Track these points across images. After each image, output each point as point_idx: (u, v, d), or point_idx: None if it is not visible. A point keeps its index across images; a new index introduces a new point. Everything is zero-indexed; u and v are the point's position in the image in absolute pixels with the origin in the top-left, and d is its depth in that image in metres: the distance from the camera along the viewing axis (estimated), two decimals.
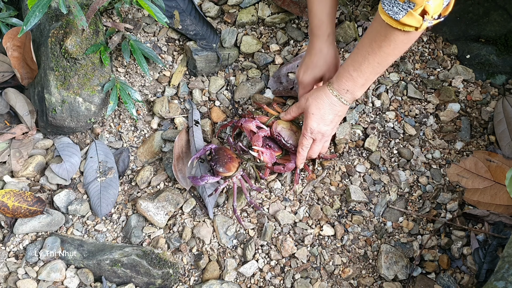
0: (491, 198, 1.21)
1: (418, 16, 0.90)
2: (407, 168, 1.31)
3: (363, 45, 1.03)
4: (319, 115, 1.16)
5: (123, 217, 1.29)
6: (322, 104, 1.15)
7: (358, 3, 1.54)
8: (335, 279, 1.20)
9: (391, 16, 0.92)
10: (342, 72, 1.10)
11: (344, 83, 1.10)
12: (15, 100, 1.38)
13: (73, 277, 1.19)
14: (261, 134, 1.25)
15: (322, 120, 1.16)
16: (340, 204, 1.27)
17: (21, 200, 1.22)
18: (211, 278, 1.20)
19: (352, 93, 1.12)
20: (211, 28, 1.48)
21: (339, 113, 1.17)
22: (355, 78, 1.08)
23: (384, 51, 1.00)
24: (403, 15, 0.90)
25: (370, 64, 1.03)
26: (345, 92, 1.12)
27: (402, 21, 0.91)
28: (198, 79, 1.47)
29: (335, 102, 1.14)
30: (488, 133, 1.33)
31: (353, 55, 1.06)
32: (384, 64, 1.04)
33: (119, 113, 1.42)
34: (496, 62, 1.40)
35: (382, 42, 0.98)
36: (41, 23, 1.33)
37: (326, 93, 1.14)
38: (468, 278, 1.15)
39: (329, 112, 1.15)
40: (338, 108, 1.15)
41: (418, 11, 0.90)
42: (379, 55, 1.01)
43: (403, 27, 0.93)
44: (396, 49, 1.00)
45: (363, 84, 1.09)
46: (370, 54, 1.02)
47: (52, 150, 1.37)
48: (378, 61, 1.02)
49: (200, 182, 1.19)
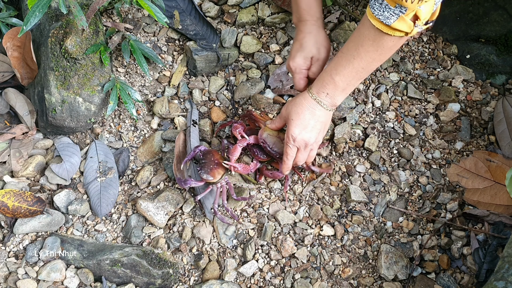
0: (491, 198, 1.21)
1: (409, 21, 0.89)
2: (407, 168, 1.31)
3: (348, 49, 1.01)
4: (299, 121, 1.12)
5: (123, 217, 1.29)
6: (302, 109, 1.11)
7: (358, 3, 1.54)
8: (335, 279, 1.20)
9: (382, 21, 0.90)
10: (324, 75, 1.07)
11: (325, 86, 1.07)
12: (15, 100, 1.38)
13: (73, 277, 1.19)
14: (239, 145, 1.24)
15: (303, 127, 1.12)
16: (340, 204, 1.27)
17: (21, 200, 1.22)
18: (211, 278, 1.20)
19: (332, 97, 1.09)
20: (211, 28, 1.48)
21: (320, 119, 1.12)
22: (337, 82, 1.05)
23: (371, 56, 0.99)
24: (395, 20, 0.89)
25: (354, 68, 1.02)
26: (324, 96, 1.08)
27: (393, 26, 0.90)
28: (198, 79, 1.47)
29: (315, 106, 1.10)
30: (488, 133, 1.33)
31: (337, 59, 1.04)
32: (368, 70, 1.02)
33: (119, 113, 1.42)
34: (496, 62, 1.40)
35: (370, 47, 0.97)
36: (41, 23, 1.33)
37: (305, 97, 1.11)
38: (468, 278, 1.15)
39: (309, 117, 1.11)
40: (318, 113, 1.11)
41: (409, 16, 0.89)
42: (365, 59, 1.00)
43: (394, 32, 0.92)
44: (383, 54, 0.98)
45: (344, 88, 1.07)
46: (356, 58, 1.00)
47: (52, 150, 1.37)
48: (363, 66, 1.01)
49: (184, 185, 1.20)
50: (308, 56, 1.17)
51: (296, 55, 1.17)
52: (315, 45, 1.16)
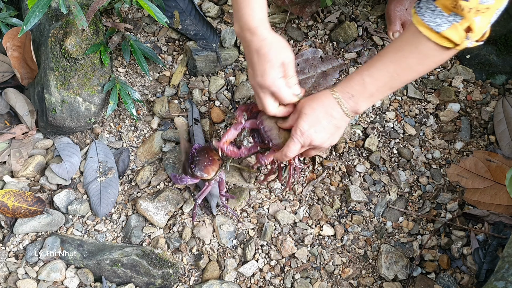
0: (491, 198, 1.21)
1: (462, 31, 0.84)
2: (407, 168, 1.31)
3: (386, 52, 0.94)
4: (311, 116, 1.00)
5: (123, 217, 1.29)
6: (318, 105, 1.00)
7: (358, 3, 1.54)
8: (335, 279, 1.20)
9: (432, 27, 0.85)
10: (354, 75, 0.98)
11: (352, 86, 0.98)
12: (15, 100, 1.38)
13: (73, 277, 1.19)
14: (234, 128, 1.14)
15: (313, 124, 1.00)
16: (340, 204, 1.27)
17: (21, 200, 1.23)
18: (211, 278, 1.20)
19: (356, 101, 0.98)
20: (211, 28, 1.48)
21: (334, 121, 1.01)
22: (366, 84, 0.96)
23: (409, 63, 0.92)
24: (447, 27, 0.84)
25: (389, 73, 0.94)
26: (348, 97, 0.98)
27: (443, 33, 0.85)
28: (198, 79, 1.47)
29: (333, 106, 1.00)
30: (488, 133, 1.33)
31: (372, 61, 0.96)
32: (402, 79, 0.95)
33: (119, 113, 1.42)
34: (496, 62, 1.40)
35: (410, 54, 0.91)
36: (41, 23, 1.33)
37: (326, 94, 1.01)
38: (468, 278, 1.15)
39: (323, 115, 1.00)
40: (335, 115, 1.00)
41: (463, 26, 0.84)
42: (402, 66, 0.93)
43: (443, 41, 0.87)
44: (422, 64, 0.92)
45: (371, 94, 0.97)
46: (393, 62, 0.93)
47: (52, 150, 1.37)
48: (398, 72, 0.94)
49: (180, 182, 1.18)
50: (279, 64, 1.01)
51: (266, 69, 1.01)
52: (280, 49, 1.01)
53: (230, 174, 1.31)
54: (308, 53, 1.45)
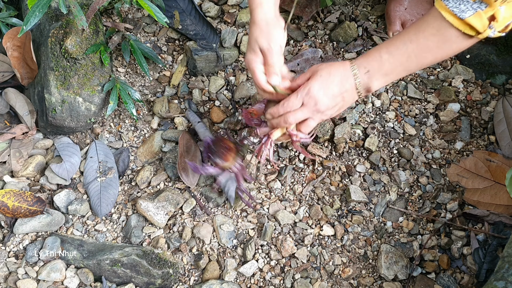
0: (491, 198, 1.21)
1: (485, 19, 0.84)
2: (407, 168, 1.31)
3: (407, 32, 0.94)
4: (327, 80, 1.00)
5: (123, 217, 1.29)
6: (335, 71, 0.99)
7: (358, 3, 1.54)
8: (335, 279, 1.20)
9: (456, 13, 0.85)
10: (372, 51, 0.98)
11: (369, 61, 0.97)
12: (15, 100, 1.38)
13: (73, 277, 1.19)
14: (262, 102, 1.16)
15: (325, 88, 1.00)
16: (340, 204, 1.27)
17: (21, 200, 1.23)
18: (211, 278, 1.20)
19: (369, 78, 0.98)
20: (211, 28, 1.48)
21: (344, 93, 1.00)
22: (384, 61, 0.96)
23: (429, 45, 0.92)
24: (471, 14, 0.84)
25: (407, 52, 0.94)
26: (364, 72, 0.98)
27: (467, 20, 0.85)
28: (198, 79, 1.47)
29: (349, 77, 0.99)
30: (488, 133, 1.33)
31: (391, 40, 0.96)
32: (418, 61, 0.95)
33: (119, 113, 1.42)
34: (496, 62, 1.40)
35: (431, 36, 0.90)
36: (41, 23, 1.33)
37: (345, 64, 1.00)
38: (468, 278, 1.15)
39: (336, 83, 0.99)
40: (347, 87, 0.99)
41: (488, 14, 0.84)
42: (420, 47, 0.92)
43: (465, 28, 0.86)
44: (441, 48, 0.92)
45: (386, 73, 0.97)
46: (412, 42, 0.93)
47: (52, 150, 1.37)
48: (416, 53, 0.93)
49: (201, 171, 1.21)
50: (255, 49, 1.04)
51: (246, 51, 1.07)
52: (261, 34, 1.03)
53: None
54: (308, 53, 1.45)
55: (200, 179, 1.31)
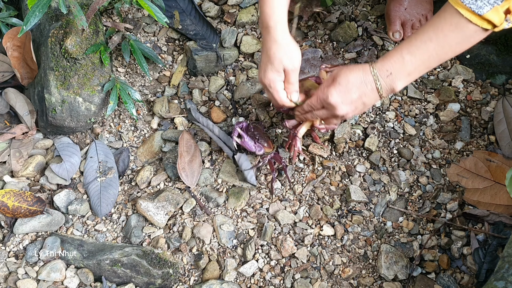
0: (491, 198, 1.21)
1: (502, 13, 0.86)
2: (407, 168, 1.31)
3: (425, 31, 0.95)
4: (344, 88, 1.01)
5: (123, 217, 1.29)
6: (354, 78, 1.01)
7: (358, 3, 1.54)
8: (335, 279, 1.20)
9: (473, 10, 0.86)
10: (393, 53, 0.98)
11: (391, 64, 0.98)
12: (15, 100, 1.38)
13: (73, 277, 1.19)
14: None
15: (343, 95, 1.02)
16: (340, 204, 1.27)
17: (21, 200, 1.23)
18: (211, 278, 1.20)
19: (392, 80, 0.99)
20: (211, 28, 1.48)
21: (364, 98, 1.02)
22: (406, 61, 0.96)
23: (449, 42, 0.93)
24: (488, 9, 0.86)
25: (428, 51, 0.95)
26: (386, 75, 0.99)
27: (485, 16, 0.86)
28: (198, 79, 1.47)
29: (369, 83, 1.00)
30: (488, 133, 1.33)
31: (411, 39, 0.96)
32: (439, 58, 0.96)
33: (119, 113, 1.42)
34: (496, 62, 1.40)
35: (450, 33, 0.91)
36: (41, 23, 1.33)
37: (365, 68, 1.01)
38: (468, 278, 1.15)
39: (355, 90, 1.01)
40: (368, 92, 1.01)
41: (504, 8, 0.86)
42: (441, 45, 0.93)
43: (483, 22, 0.88)
44: (461, 44, 0.93)
45: (410, 73, 0.98)
46: (433, 41, 0.93)
47: (52, 150, 1.37)
48: (437, 51, 0.94)
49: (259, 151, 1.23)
50: (279, 69, 1.07)
51: (267, 70, 1.07)
52: (285, 55, 1.05)
53: (230, 174, 1.31)
54: (308, 53, 1.45)
55: (200, 179, 1.31)
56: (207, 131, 1.34)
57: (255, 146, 1.24)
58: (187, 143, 1.32)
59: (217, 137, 1.33)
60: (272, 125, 1.39)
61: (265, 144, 1.25)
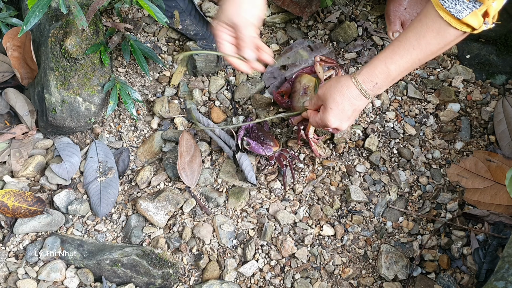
0: (491, 198, 1.21)
1: (480, 16, 0.88)
2: (407, 168, 1.31)
3: (407, 38, 0.97)
4: (338, 111, 1.07)
5: (123, 217, 1.29)
6: (342, 99, 1.06)
7: (358, 3, 1.54)
8: (335, 279, 1.20)
9: (453, 14, 0.88)
10: (377, 63, 1.01)
11: (377, 75, 1.01)
12: (15, 100, 1.38)
13: (73, 277, 1.19)
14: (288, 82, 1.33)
15: (341, 118, 1.08)
16: (340, 204, 1.27)
17: (21, 200, 1.22)
18: (211, 278, 1.20)
19: (379, 88, 1.04)
20: (211, 28, 1.48)
21: (358, 108, 1.08)
22: (391, 71, 1.00)
23: (431, 48, 0.95)
24: (467, 14, 0.87)
25: (412, 59, 0.97)
26: (372, 86, 1.03)
27: (464, 20, 0.88)
28: (198, 79, 1.47)
29: (357, 96, 1.05)
30: (488, 133, 1.33)
31: (394, 48, 0.99)
32: (421, 62, 0.99)
33: (119, 113, 1.42)
34: (496, 62, 1.40)
35: (432, 39, 0.94)
36: (41, 23, 1.33)
37: (348, 85, 1.05)
38: (468, 278, 1.15)
39: (348, 107, 1.07)
40: (358, 103, 1.07)
41: (482, 11, 0.87)
42: (424, 51, 0.96)
43: (462, 26, 0.89)
44: (442, 48, 0.95)
45: (394, 79, 1.02)
46: (415, 49, 0.96)
47: (52, 150, 1.37)
48: (420, 57, 0.97)
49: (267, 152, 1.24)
50: (223, 21, 1.04)
51: (219, 18, 1.04)
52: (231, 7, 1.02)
53: (230, 174, 1.31)
54: (296, 45, 1.46)
55: (200, 179, 1.31)
56: (207, 131, 1.34)
57: (263, 149, 1.25)
58: (187, 143, 1.32)
59: (217, 137, 1.33)
60: (272, 125, 1.39)
61: (271, 143, 1.26)
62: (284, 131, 1.36)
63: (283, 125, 1.39)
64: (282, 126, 1.38)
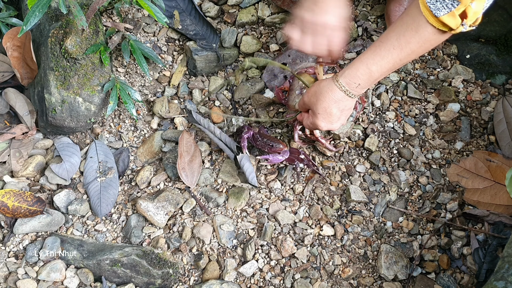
0: (491, 198, 1.21)
1: (458, 17, 0.88)
2: (407, 168, 1.31)
3: (388, 38, 0.98)
4: (326, 115, 1.10)
5: (123, 217, 1.29)
6: (328, 103, 1.08)
7: (358, 3, 1.54)
8: (335, 279, 1.20)
9: (432, 10, 0.89)
10: (358, 65, 1.02)
11: (359, 76, 1.03)
12: (15, 100, 1.38)
13: (73, 277, 1.19)
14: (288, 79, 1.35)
15: (330, 121, 1.11)
16: (340, 204, 1.27)
17: (21, 200, 1.23)
18: (211, 278, 1.20)
19: (362, 88, 1.05)
20: (211, 28, 1.48)
21: (346, 108, 1.10)
22: (373, 72, 1.01)
23: (411, 47, 0.96)
24: (445, 13, 0.88)
25: (393, 59, 0.99)
26: (355, 86, 1.05)
27: (441, 19, 0.88)
28: (198, 79, 1.47)
29: (342, 98, 1.07)
30: (488, 133, 1.33)
31: (375, 48, 1.00)
32: (403, 62, 1.00)
33: (119, 113, 1.42)
34: (496, 62, 1.40)
35: (412, 38, 0.94)
36: (41, 23, 1.33)
37: (332, 88, 1.07)
38: (468, 278, 1.15)
39: (336, 110, 1.09)
40: (344, 103, 1.08)
41: (459, 11, 0.87)
42: (404, 51, 0.97)
43: (439, 25, 0.90)
44: (422, 47, 0.96)
45: (376, 79, 1.03)
46: (396, 49, 0.97)
47: (52, 150, 1.37)
48: (401, 57, 0.98)
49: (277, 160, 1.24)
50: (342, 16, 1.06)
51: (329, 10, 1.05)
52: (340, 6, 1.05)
53: (230, 174, 1.31)
54: None
55: (200, 179, 1.31)
56: (208, 133, 1.34)
57: (280, 155, 1.25)
58: (187, 143, 1.32)
59: (218, 139, 1.33)
60: (272, 125, 1.39)
61: (280, 145, 1.26)
62: (284, 131, 1.36)
63: (283, 125, 1.39)
64: (282, 126, 1.38)
